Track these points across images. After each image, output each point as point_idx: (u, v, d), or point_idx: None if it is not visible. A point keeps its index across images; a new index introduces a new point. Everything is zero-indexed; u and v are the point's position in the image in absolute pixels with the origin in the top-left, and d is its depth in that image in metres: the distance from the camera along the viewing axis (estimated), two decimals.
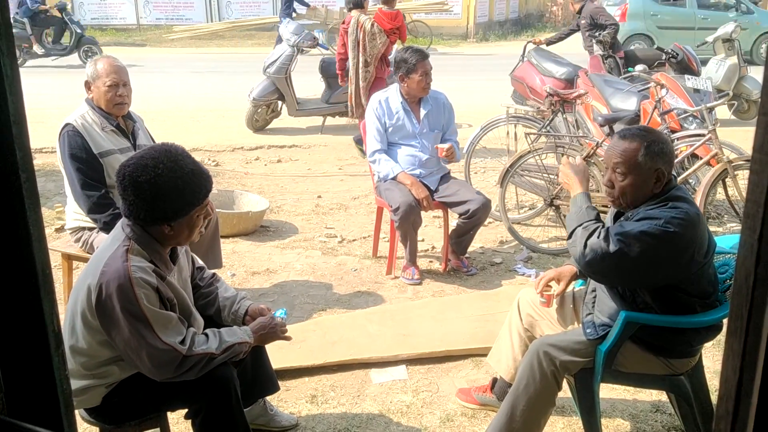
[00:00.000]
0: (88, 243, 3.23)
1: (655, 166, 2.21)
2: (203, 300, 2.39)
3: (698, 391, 2.38)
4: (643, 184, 2.24)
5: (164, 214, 1.99)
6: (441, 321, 3.49)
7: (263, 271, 4.20)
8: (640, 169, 2.21)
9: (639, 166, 2.21)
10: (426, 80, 4.03)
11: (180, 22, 20.33)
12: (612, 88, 5.61)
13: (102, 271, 1.95)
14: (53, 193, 5.48)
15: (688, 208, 2.18)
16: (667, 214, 2.14)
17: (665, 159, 2.22)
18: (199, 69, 13.48)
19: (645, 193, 2.25)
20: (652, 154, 2.20)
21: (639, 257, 2.12)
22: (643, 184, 2.24)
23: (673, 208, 2.16)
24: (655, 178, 2.22)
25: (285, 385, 2.92)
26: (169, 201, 1.98)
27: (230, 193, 5.21)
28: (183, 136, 7.46)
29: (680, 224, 2.12)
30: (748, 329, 0.66)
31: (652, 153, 2.20)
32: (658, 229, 2.12)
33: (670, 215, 2.13)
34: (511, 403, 2.32)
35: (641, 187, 2.24)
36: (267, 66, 7.73)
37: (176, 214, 2.01)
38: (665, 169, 2.23)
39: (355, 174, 6.43)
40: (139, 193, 1.97)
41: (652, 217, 2.15)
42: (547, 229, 4.93)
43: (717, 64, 7.89)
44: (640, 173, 2.22)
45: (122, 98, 3.17)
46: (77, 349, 2.04)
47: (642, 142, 2.22)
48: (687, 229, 2.13)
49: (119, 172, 2.01)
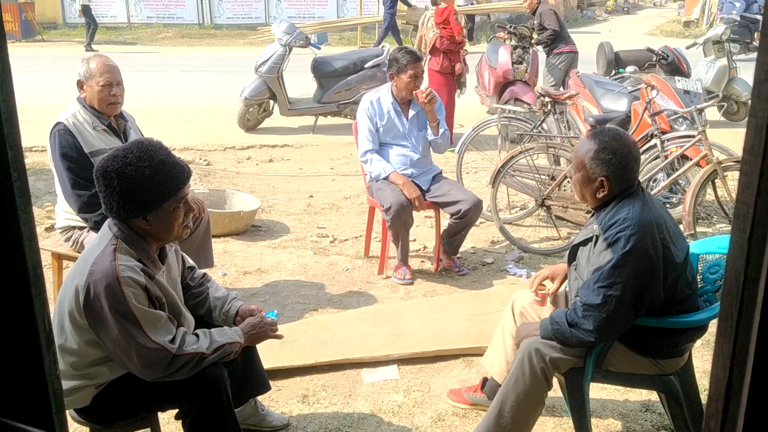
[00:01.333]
0: (78, 242, 3.21)
1: (601, 173, 2.23)
2: (194, 300, 2.38)
3: (688, 391, 2.39)
4: (586, 184, 2.28)
5: (134, 205, 1.97)
6: (432, 321, 3.50)
7: (255, 271, 4.19)
8: (584, 170, 2.26)
9: (584, 166, 2.26)
10: (415, 83, 4.02)
11: (171, 20, 20.29)
12: (603, 89, 5.65)
13: (90, 271, 1.94)
14: (43, 192, 5.45)
15: (631, 212, 2.17)
16: (619, 230, 2.14)
17: (612, 169, 2.21)
18: (191, 68, 13.44)
19: (591, 193, 2.29)
20: (598, 160, 2.22)
21: (629, 282, 2.11)
22: (586, 184, 2.28)
23: (620, 219, 2.16)
24: (599, 184, 2.25)
25: (276, 385, 2.92)
26: (138, 192, 1.95)
27: (221, 192, 5.20)
28: (174, 136, 7.44)
29: (633, 230, 2.12)
30: (738, 329, 0.66)
31: (598, 159, 2.22)
32: (621, 253, 2.11)
33: (622, 230, 2.13)
34: (501, 400, 2.32)
35: (585, 187, 2.29)
36: (259, 65, 7.72)
37: (146, 206, 1.98)
38: (611, 178, 2.22)
39: (347, 174, 6.43)
40: (108, 183, 1.96)
41: (610, 242, 2.15)
42: (538, 230, 4.95)
43: (707, 65, 7.95)
44: (584, 173, 2.27)
45: (115, 98, 3.16)
46: (66, 348, 2.03)
47: (596, 145, 2.24)
48: (635, 224, 2.14)
49: (95, 167, 2.01)
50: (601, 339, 2.19)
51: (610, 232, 2.17)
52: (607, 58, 8.47)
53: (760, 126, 0.62)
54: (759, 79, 0.62)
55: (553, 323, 2.24)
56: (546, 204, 4.56)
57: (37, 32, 18.09)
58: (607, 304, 2.12)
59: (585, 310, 2.15)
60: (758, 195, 0.63)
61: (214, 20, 20.64)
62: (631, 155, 2.24)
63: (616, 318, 2.14)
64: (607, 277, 2.12)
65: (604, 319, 2.13)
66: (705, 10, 22.10)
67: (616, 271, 2.12)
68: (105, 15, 20.24)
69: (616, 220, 2.18)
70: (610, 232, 2.17)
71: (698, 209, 4.77)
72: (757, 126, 0.62)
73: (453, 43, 6.94)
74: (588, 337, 2.16)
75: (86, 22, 16.13)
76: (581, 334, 2.17)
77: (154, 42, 18.26)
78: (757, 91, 0.62)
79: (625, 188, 2.25)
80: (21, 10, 17.63)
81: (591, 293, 2.15)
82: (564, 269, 2.59)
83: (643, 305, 2.17)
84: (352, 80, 7.90)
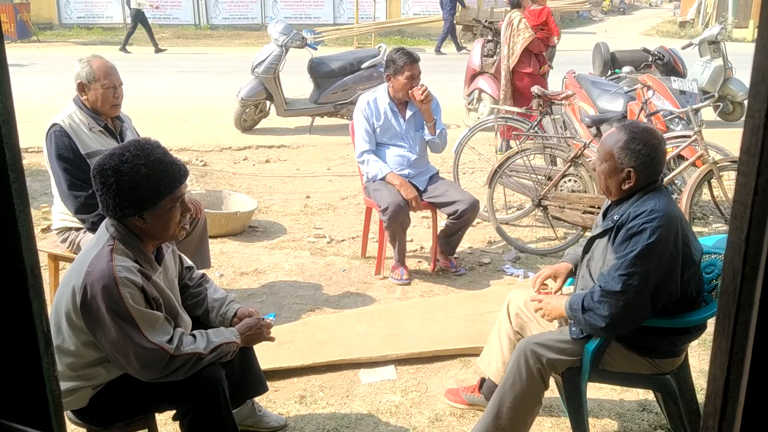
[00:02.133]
0: (75, 243, 3.21)
1: (628, 164, 2.22)
2: (191, 300, 2.38)
3: (684, 390, 2.40)
4: (612, 175, 2.26)
5: (131, 203, 1.97)
6: (430, 321, 3.50)
7: (252, 272, 4.19)
8: (612, 160, 2.25)
9: (611, 156, 2.25)
10: (411, 84, 4.00)
11: (167, 21, 20.25)
12: (599, 90, 5.65)
13: (87, 272, 1.94)
14: (39, 193, 5.44)
15: (658, 205, 2.18)
16: (645, 221, 2.13)
17: (641, 160, 2.21)
18: (187, 68, 13.42)
19: (616, 185, 2.27)
20: (627, 150, 2.22)
21: (650, 273, 2.10)
22: (612, 175, 2.26)
23: (647, 210, 2.16)
24: (625, 175, 2.24)
25: (274, 386, 2.92)
26: (134, 189, 1.96)
27: (218, 193, 5.20)
28: (171, 136, 7.43)
29: (660, 222, 2.13)
30: (735, 328, 0.67)
31: (627, 149, 2.22)
32: (645, 243, 2.10)
33: (648, 221, 2.13)
34: (498, 401, 2.32)
35: (611, 177, 2.27)
36: (255, 66, 7.71)
37: (143, 203, 1.98)
38: (639, 171, 2.22)
39: (344, 174, 6.43)
40: (104, 180, 1.96)
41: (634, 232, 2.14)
42: (534, 230, 4.95)
43: (702, 66, 7.97)
44: (611, 164, 2.25)
45: (118, 99, 3.17)
46: (63, 349, 2.03)
47: (626, 136, 2.24)
48: (662, 217, 2.14)
49: (92, 166, 2.02)
50: (612, 327, 2.16)
51: (635, 222, 2.15)
52: (603, 58, 8.48)
53: (757, 126, 0.62)
54: (755, 80, 0.62)
55: (572, 308, 2.23)
56: (543, 204, 4.57)
57: (33, 33, 18.04)
58: (626, 293, 2.11)
59: (602, 296, 2.14)
60: (755, 195, 0.63)
61: (211, 21, 20.60)
62: (660, 148, 2.25)
63: (632, 309, 2.13)
64: (629, 266, 2.11)
65: (621, 308, 2.11)
66: (700, 10, 22.16)
67: (638, 261, 2.10)
68: (101, 16, 20.21)
69: (643, 211, 2.16)
70: (635, 222, 2.15)
71: (694, 209, 4.78)
72: (754, 126, 0.63)
73: (546, 45, 6.89)
74: (599, 322, 2.14)
75: (134, 24, 15.88)
76: (593, 319, 2.15)
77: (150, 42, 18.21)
78: (754, 92, 0.62)
79: (650, 182, 2.25)
80: (17, 11, 17.57)
81: (611, 280, 2.14)
82: (566, 268, 2.59)
83: (660, 300, 2.16)
84: (349, 81, 7.91)
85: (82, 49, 16.69)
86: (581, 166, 4.44)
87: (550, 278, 2.60)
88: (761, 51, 0.61)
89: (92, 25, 19.99)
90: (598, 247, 2.34)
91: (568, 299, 2.29)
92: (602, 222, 2.39)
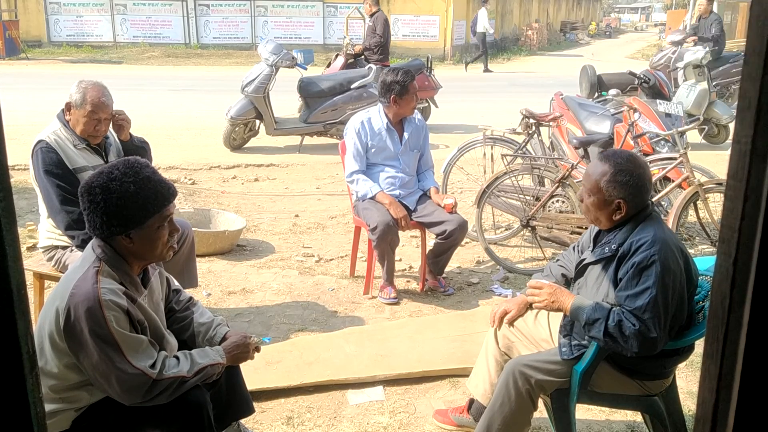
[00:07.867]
0: (61, 262, 3.17)
1: (617, 195, 2.24)
2: (177, 324, 2.35)
3: (672, 412, 2.40)
4: (602, 207, 2.28)
5: (118, 221, 1.96)
6: (418, 341, 3.48)
7: (239, 291, 4.16)
8: (600, 193, 2.26)
9: (599, 190, 2.26)
10: (416, 100, 4.12)
11: (158, 40, 20.32)
12: (586, 111, 5.71)
13: (71, 293, 1.91)
14: (25, 211, 5.39)
15: (658, 234, 2.19)
16: (652, 254, 2.14)
17: (630, 191, 2.23)
18: (177, 87, 13.43)
19: (606, 216, 2.29)
20: (615, 182, 2.23)
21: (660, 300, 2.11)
22: (602, 207, 2.28)
23: (648, 242, 2.16)
24: (615, 206, 2.26)
25: (260, 407, 2.89)
26: (122, 207, 1.95)
27: (207, 211, 5.18)
28: (160, 154, 7.36)
29: (659, 249, 2.14)
30: (724, 352, 0.67)
31: (615, 182, 2.23)
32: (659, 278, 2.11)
33: (654, 253, 2.14)
34: (487, 422, 2.31)
35: (601, 210, 2.28)
36: (245, 85, 7.73)
37: (130, 222, 1.97)
38: (628, 201, 2.24)
39: (333, 193, 6.43)
40: (92, 198, 1.95)
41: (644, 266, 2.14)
42: (523, 250, 4.97)
43: (688, 89, 8.09)
44: (600, 197, 2.27)
45: (98, 132, 3.15)
46: (46, 371, 1.99)
47: (611, 168, 2.25)
48: (665, 246, 2.16)
49: (81, 184, 2.02)
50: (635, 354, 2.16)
51: (641, 255, 2.14)
52: (590, 80, 8.60)
53: (744, 152, 0.63)
54: (742, 107, 0.63)
55: (583, 319, 2.19)
56: (531, 224, 4.59)
57: (22, 50, 18.01)
58: (659, 335, 2.11)
59: (635, 336, 2.09)
60: (743, 219, 0.64)
61: (201, 40, 20.69)
62: (646, 175, 2.27)
63: (660, 343, 2.13)
64: (653, 307, 2.09)
65: (651, 346, 2.11)
66: None
67: (659, 299, 2.10)
68: (90, 34, 20.24)
69: (644, 242, 2.16)
70: (641, 255, 2.14)
71: (680, 230, 4.82)
72: (740, 152, 0.64)
73: None
74: (625, 352, 2.14)
75: (481, 49, 17.52)
76: (616, 346, 2.15)
77: (140, 61, 18.24)
78: (740, 118, 0.63)
79: (641, 209, 2.27)
80: (5, 28, 17.55)
81: (642, 323, 2.10)
82: (522, 301, 2.58)
83: (674, 329, 2.19)
84: (339, 100, 7.95)
85: (70, 67, 16.69)
86: (569, 187, 4.47)
87: (506, 313, 2.58)
88: (747, 78, 0.62)
89: (82, 43, 20.01)
90: (592, 273, 2.34)
91: (580, 306, 2.24)
92: (594, 248, 2.40)
